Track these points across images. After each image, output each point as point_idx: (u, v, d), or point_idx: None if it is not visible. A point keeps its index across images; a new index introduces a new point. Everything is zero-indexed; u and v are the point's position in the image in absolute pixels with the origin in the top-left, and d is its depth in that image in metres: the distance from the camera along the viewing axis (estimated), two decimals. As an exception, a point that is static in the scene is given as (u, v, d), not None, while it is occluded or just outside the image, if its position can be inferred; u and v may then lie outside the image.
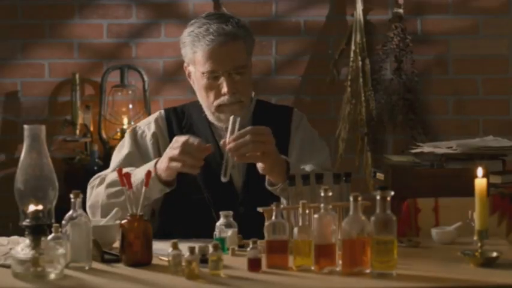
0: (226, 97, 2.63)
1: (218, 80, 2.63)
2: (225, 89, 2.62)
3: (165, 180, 2.54)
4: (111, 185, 2.60)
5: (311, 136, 2.80)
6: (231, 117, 2.50)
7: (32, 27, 4.61)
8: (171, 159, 2.48)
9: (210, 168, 2.68)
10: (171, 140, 2.69)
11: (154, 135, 2.74)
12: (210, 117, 2.71)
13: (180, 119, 2.77)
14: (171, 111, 2.79)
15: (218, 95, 2.64)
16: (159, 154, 2.69)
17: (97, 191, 2.64)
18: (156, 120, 2.76)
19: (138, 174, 2.52)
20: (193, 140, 2.46)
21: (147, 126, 2.76)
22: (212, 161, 2.68)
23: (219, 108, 2.66)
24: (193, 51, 2.65)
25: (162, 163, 2.51)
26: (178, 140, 2.48)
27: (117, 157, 2.75)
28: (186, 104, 2.85)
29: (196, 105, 2.76)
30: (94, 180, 2.70)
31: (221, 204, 2.41)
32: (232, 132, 2.47)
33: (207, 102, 2.68)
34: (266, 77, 4.55)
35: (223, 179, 2.47)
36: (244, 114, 2.69)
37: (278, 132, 2.53)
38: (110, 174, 2.66)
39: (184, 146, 2.45)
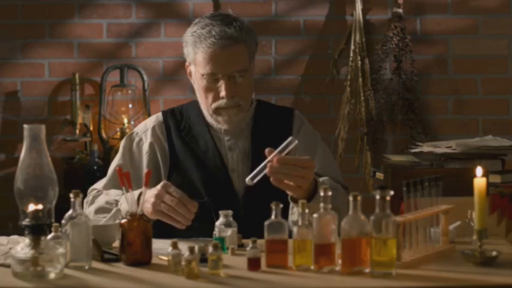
0: (224, 100, 2.62)
1: (217, 83, 2.62)
2: (223, 93, 2.61)
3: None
4: (99, 211, 2.61)
5: (314, 140, 2.79)
6: (290, 138, 2.42)
7: (32, 27, 4.61)
8: (159, 212, 2.42)
9: (210, 172, 2.68)
10: (169, 146, 2.72)
11: (151, 145, 2.72)
12: (208, 119, 2.71)
13: (179, 121, 2.75)
14: (169, 115, 2.77)
15: (216, 97, 2.63)
16: (153, 166, 2.69)
17: (87, 211, 2.64)
18: (154, 128, 2.74)
19: (123, 204, 2.53)
20: (184, 199, 2.41)
21: (144, 134, 2.74)
22: (211, 165, 2.68)
23: (217, 111, 2.65)
24: (195, 52, 2.63)
25: (147, 208, 2.43)
26: (171, 193, 2.42)
27: (110, 169, 2.76)
28: (184, 104, 2.82)
29: (195, 105, 2.75)
30: (89, 195, 2.72)
31: (221, 208, 2.40)
32: (282, 150, 2.39)
33: (205, 104, 2.68)
34: (266, 77, 4.56)
35: (248, 182, 2.37)
36: (244, 116, 2.69)
37: (279, 135, 2.51)
38: (99, 197, 2.65)
39: (178, 205, 2.41)
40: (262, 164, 2.39)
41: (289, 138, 2.42)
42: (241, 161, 2.70)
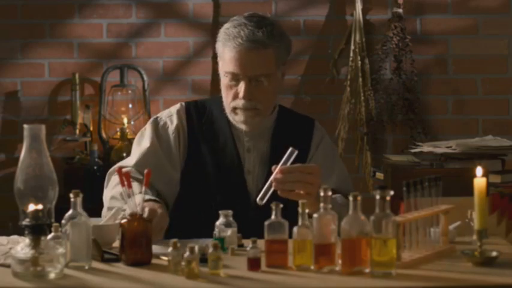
0: (242, 101, 2.63)
1: (238, 83, 2.63)
2: (241, 94, 2.62)
3: None
4: (114, 197, 2.57)
5: (332, 155, 2.80)
6: (289, 149, 2.43)
7: (32, 27, 4.61)
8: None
9: (225, 170, 2.67)
10: (190, 135, 2.72)
11: (177, 128, 2.72)
12: (228, 116, 2.71)
13: (201, 113, 2.75)
14: (191, 105, 2.78)
15: (235, 96, 2.64)
16: (179, 148, 2.69)
17: (105, 193, 2.63)
18: (178, 112, 2.74)
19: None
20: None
21: (169, 118, 2.74)
22: (228, 163, 2.68)
23: (234, 110, 2.66)
24: (223, 49, 2.65)
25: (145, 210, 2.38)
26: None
27: (138, 148, 2.72)
28: (207, 98, 2.87)
29: (218, 101, 2.75)
30: (113, 176, 2.65)
31: (232, 209, 2.39)
32: (285, 163, 2.41)
33: (225, 101, 2.69)
34: (266, 77, 4.55)
35: (258, 202, 2.41)
36: (263, 120, 2.69)
37: (298, 144, 2.51)
38: (116, 187, 2.58)
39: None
40: (269, 182, 2.41)
41: (289, 150, 2.43)
42: (258, 164, 2.71)
